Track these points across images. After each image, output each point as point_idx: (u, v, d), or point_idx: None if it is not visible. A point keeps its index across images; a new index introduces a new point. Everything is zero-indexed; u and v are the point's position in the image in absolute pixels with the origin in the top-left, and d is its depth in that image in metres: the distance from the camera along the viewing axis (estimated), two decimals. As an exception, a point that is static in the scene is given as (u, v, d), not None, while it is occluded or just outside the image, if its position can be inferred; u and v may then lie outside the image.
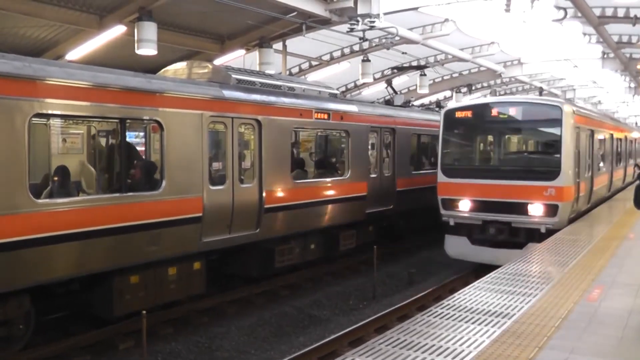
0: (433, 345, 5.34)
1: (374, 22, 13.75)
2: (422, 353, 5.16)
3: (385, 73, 24.25)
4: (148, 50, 13.00)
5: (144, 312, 7.65)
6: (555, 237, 10.69)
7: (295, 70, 22.88)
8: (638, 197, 7.72)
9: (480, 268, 11.93)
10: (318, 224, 11.91)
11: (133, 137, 11.13)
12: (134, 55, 13.32)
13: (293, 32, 17.07)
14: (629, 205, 14.86)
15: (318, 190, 11.92)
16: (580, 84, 33.51)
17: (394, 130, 14.58)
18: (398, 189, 14.57)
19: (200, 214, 9.10)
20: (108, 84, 7.88)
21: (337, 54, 21.89)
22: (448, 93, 31.81)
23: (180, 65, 11.03)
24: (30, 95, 6.98)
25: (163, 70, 11.16)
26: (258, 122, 10.28)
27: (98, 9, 13.99)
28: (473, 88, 30.28)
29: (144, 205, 8.31)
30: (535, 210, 11.56)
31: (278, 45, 18.06)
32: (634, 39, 20.51)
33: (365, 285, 12.13)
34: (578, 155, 12.37)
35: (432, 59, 24.14)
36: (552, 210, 11.44)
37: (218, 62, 16.79)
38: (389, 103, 16.60)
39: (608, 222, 12.87)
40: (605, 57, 23.79)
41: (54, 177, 8.20)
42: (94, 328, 8.69)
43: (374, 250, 11.92)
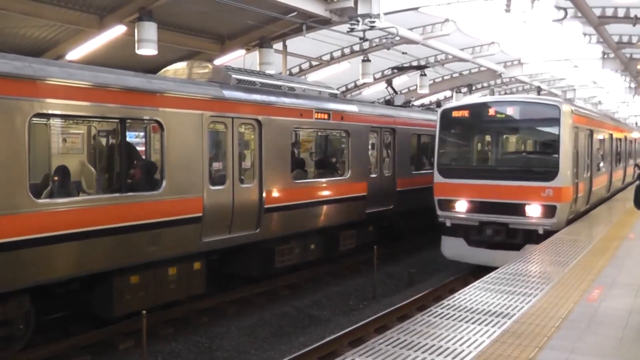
0: (433, 345, 5.35)
1: (374, 22, 13.74)
2: (422, 353, 5.16)
3: (386, 73, 24.26)
4: (148, 50, 13.01)
5: (144, 312, 7.66)
6: (555, 237, 10.68)
7: (296, 70, 22.88)
8: (638, 197, 7.72)
9: (480, 268, 11.87)
10: (318, 224, 11.91)
11: (133, 137, 11.13)
12: (134, 55, 13.33)
13: (293, 32, 17.08)
14: (629, 206, 14.86)
15: (318, 191, 11.92)
16: (581, 84, 33.51)
17: (394, 131, 14.58)
18: (398, 189, 14.57)
19: (201, 214, 9.10)
20: (108, 84, 7.88)
21: (337, 54, 21.90)
22: (448, 93, 31.82)
23: (181, 65, 11.04)
24: (31, 95, 6.99)
25: (163, 70, 11.17)
26: (258, 122, 10.28)
27: (98, 9, 13.99)
28: (473, 88, 30.28)
29: (144, 205, 8.31)
30: (533, 211, 11.43)
31: (278, 45, 18.07)
32: (634, 39, 20.51)
33: (365, 286, 12.13)
34: (576, 156, 12.25)
35: (432, 59, 24.15)
36: (550, 211, 11.30)
37: (218, 62, 16.79)
38: (389, 103, 16.60)
39: (608, 222, 12.86)
40: (606, 57, 23.78)
41: (54, 177, 8.19)
42: (94, 328, 8.69)
43: (374, 251, 11.92)
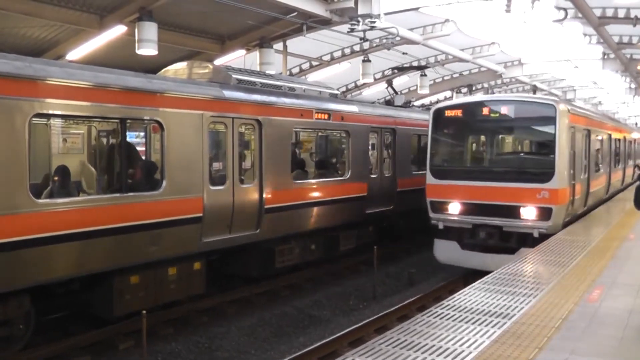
0: (433, 346, 5.34)
1: (375, 22, 13.74)
2: (422, 353, 5.16)
3: (386, 73, 24.27)
4: (148, 50, 13.02)
5: (144, 312, 7.66)
6: (555, 237, 10.65)
7: (296, 71, 22.89)
8: (638, 197, 7.71)
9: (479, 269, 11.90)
10: (318, 225, 11.90)
11: (133, 137, 11.14)
12: (135, 55, 13.33)
13: (293, 32, 17.09)
14: (629, 206, 14.86)
15: (318, 191, 11.91)
16: (581, 85, 33.53)
17: (395, 131, 14.58)
18: (398, 190, 14.57)
19: (201, 214, 9.10)
20: (108, 84, 7.88)
21: (337, 54, 21.91)
22: (448, 93, 31.83)
23: (181, 66, 11.04)
24: (31, 95, 6.99)
25: (163, 71, 11.17)
26: (258, 122, 10.28)
27: (98, 9, 14.00)
28: (473, 88, 30.28)
29: (145, 206, 8.31)
30: (528, 214, 11.09)
31: (278, 46, 18.07)
32: (635, 40, 20.49)
33: (366, 286, 12.13)
34: (573, 156, 11.98)
35: (432, 60, 24.16)
36: (545, 214, 10.96)
37: (218, 62, 16.80)
38: (390, 103, 16.60)
39: (608, 223, 12.84)
40: (606, 57, 23.77)
41: (55, 177, 8.20)
42: (94, 328, 8.69)
43: (374, 251, 11.92)
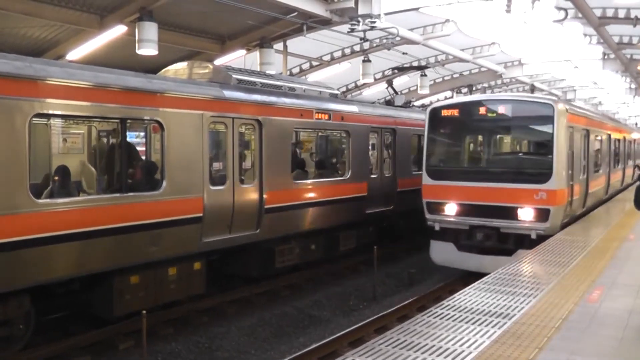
0: (433, 346, 5.35)
1: (375, 22, 13.74)
2: (422, 353, 5.16)
3: (386, 73, 24.28)
4: (149, 51, 13.02)
5: (144, 312, 7.66)
6: (555, 238, 10.64)
7: (296, 71, 22.89)
8: (638, 198, 7.70)
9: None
10: (318, 225, 11.90)
11: (134, 137, 11.14)
12: (135, 55, 13.33)
13: (294, 32, 17.09)
14: (629, 207, 14.86)
15: (318, 191, 11.92)
16: (581, 85, 33.53)
17: (395, 131, 14.58)
18: (398, 190, 14.56)
19: (201, 214, 9.10)
20: (109, 84, 7.88)
21: (337, 54, 21.91)
22: (449, 94, 31.83)
23: (181, 66, 11.04)
24: (31, 95, 6.99)
25: (164, 71, 11.17)
26: (259, 122, 10.28)
27: (99, 9, 14.00)
28: (474, 89, 30.28)
29: (145, 206, 8.31)
30: (525, 215, 10.93)
31: (279, 46, 18.07)
32: (635, 40, 20.49)
33: (366, 286, 12.13)
34: (572, 157, 11.84)
35: (432, 60, 24.16)
36: (543, 215, 10.79)
37: (219, 62, 16.80)
38: (390, 103, 16.60)
39: (608, 223, 12.84)
40: (606, 58, 23.77)
41: (55, 177, 8.20)
42: (94, 328, 8.69)
43: (374, 251, 11.92)
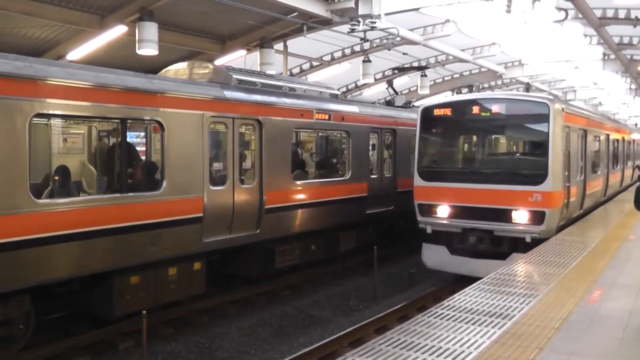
0: (433, 346, 5.35)
1: (375, 22, 13.73)
2: (422, 354, 5.16)
3: (386, 74, 24.28)
4: (149, 51, 13.02)
5: (144, 312, 7.66)
6: (555, 238, 10.63)
7: (296, 71, 22.89)
8: (638, 198, 7.71)
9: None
10: (318, 225, 11.90)
11: (134, 137, 11.14)
12: (135, 56, 13.34)
13: (294, 32, 17.10)
14: (628, 207, 14.86)
15: (318, 191, 11.91)
16: (581, 85, 33.51)
17: (395, 131, 14.58)
18: (398, 190, 14.56)
19: (201, 214, 9.10)
20: (109, 84, 7.88)
21: (338, 55, 21.91)
22: (449, 94, 31.82)
23: (181, 66, 11.04)
24: (31, 95, 6.99)
25: (164, 71, 11.17)
26: (259, 122, 10.28)
27: (99, 9, 14.00)
28: (474, 89, 30.26)
29: (145, 206, 8.31)
30: (520, 218, 10.62)
31: (279, 46, 18.07)
32: (635, 41, 20.48)
33: (366, 286, 12.13)
34: (568, 157, 11.57)
35: (433, 60, 24.16)
36: (538, 218, 10.49)
37: (219, 62, 16.80)
38: (390, 104, 16.59)
39: (608, 223, 12.84)
40: (606, 58, 23.75)
41: (55, 177, 8.20)
42: (94, 328, 8.70)
43: (374, 251, 11.92)
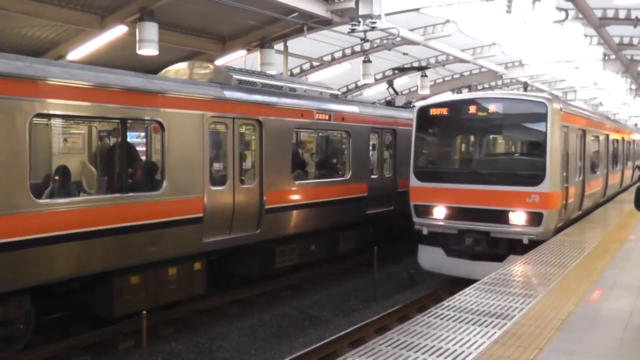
0: (433, 346, 5.34)
1: (375, 23, 13.74)
2: (422, 354, 5.16)
3: (387, 74, 24.29)
4: (149, 51, 13.03)
5: (144, 312, 7.66)
6: (555, 238, 10.62)
7: (297, 71, 22.90)
8: (639, 198, 7.70)
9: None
10: (319, 225, 11.90)
11: (134, 137, 11.15)
12: (135, 56, 13.34)
13: (294, 32, 17.11)
14: (628, 208, 14.85)
15: (319, 191, 11.91)
16: (582, 86, 33.50)
17: (395, 132, 14.57)
18: (399, 190, 14.55)
19: (201, 215, 9.10)
20: (109, 84, 7.88)
21: (338, 55, 21.92)
22: (449, 94, 31.81)
23: (182, 66, 11.05)
24: (32, 95, 6.99)
25: (164, 71, 11.17)
26: (259, 122, 10.28)
27: (99, 9, 14.01)
28: (470, 89, 30.24)
29: (145, 206, 8.31)
30: (517, 219, 10.45)
31: (279, 46, 18.08)
32: (635, 41, 20.48)
33: (366, 286, 12.13)
34: (566, 158, 11.41)
35: (433, 60, 24.17)
36: (535, 219, 10.32)
37: (219, 62, 16.81)
38: (390, 104, 16.61)
39: (608, 224, 12.83)
40: (607, 58, 23.74)
41: (55, 177, 8.20)
42: (94, 328, 8.70)
43: (375, 251, 11.92)
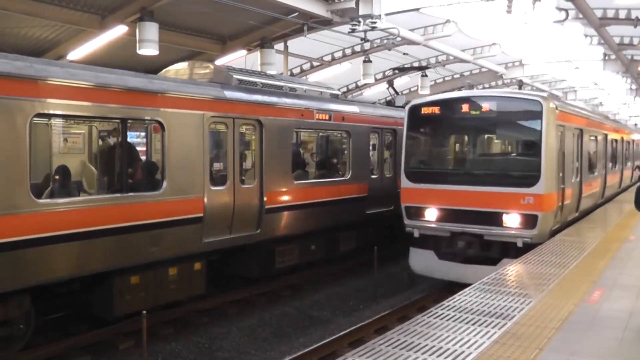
0: (433, 346, 5.34)
1: (376, 22, 13.74)
2: (422, 354, 5.15)
3: (387, 74, 24.28)
4: (149, 51, 13.04)
5: (144, 312, 7.66)
6: (555, 238, 10.61)
7: (297, 71, 22.90)
8: (639, 199, 7.69)
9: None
10: (319, 225, 11.90)
11: (134, 137, 11.15)
12: (136, 56, 13.35)
13: (294, 32, 17.11)
14: (628, 208, 14.85)
15: (319, 191, 11.91)
16: (582, 86, 33.51)
17: (395, 132, 14.57)
18: (399, 190, 14.53)
19: (201, 215, 9.10)
20: (109, 84, 7.88)
21: (338, 55, 21.91)
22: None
23: (182, 66, 11.05)
24: (32, 95, 6.99)
25: (164, 71, 11.17)
26: (259, 122, 10.28)
27: (99, 9, 14.01)
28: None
29: (145, 206, 8.31)
30: (511, 221, 10.15)
31: (279, 46, 18.08)
32: (635, 41, 20.48)
33: (366, 286, 12.13)
34: (563, 158, 11.15)
35: (433, 60, 24.15)
36: (530, 222, 10.02)
37: (219, 62, 16.81)
38: (391, 104, 16.60)
39: (609, 224, 12.83)
40: (607, 58, 23.74)
41: (55, 176, 8.20)
42: (94, 328, 8.70)
43: (375, 251, 11.92)
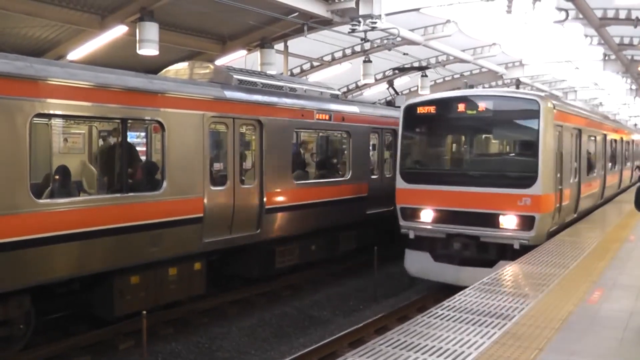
0: (433, 347, 5.34)
1: (376, 23, 13.74)
2: (422, 354, 5.15)
3: (387, 74, 24.28)
4: (149, 51, 13.04)
5: (144, 312, 7.66)
6: (556, 239, 10.61)
7: (297, 71, 22.91)
8: (639, 199, 7.70)
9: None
10: (319, 225, 11.90)
11: (134, 137, 11.15)
12: (136, 56, 13.35)
13: (295, 32, 17.12)
14: (628, 208, 14.85)
15: (319, 191, 11.91)
16: (582, 86, 33.52)
17: (396, 132, 14.52)
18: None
19: (201, 215, 9.10)
20: (109, 84, 7.88)
21: (338, 55, 21.93)
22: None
23: (182, 66, 11.05)
24: (32, 95, 6.99)
25: (164, 71, 11.17)
26: (259, 122, 10.28)
27: (99, 9, 14.01)
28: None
29: (145, 206, 8.31)
30: (508, 223, 10.02)
31: (279, 46, 18.09)
32: (635, 41, 20.49)
33: (366, 286, 12.13)
34: (561, 158, 11.04)
35: (433, 60, 24.17)
36: (527, 223, 9.88)
37: (219, 62, 16.81)
38: (391, 104, 16.59)
39: (608, 224, 12.83)
40: (607, 59, 23.74)
41: (55, 176, 8.20)
42: (94, 328, 8.70)
43: (375, 252, 11.92)
